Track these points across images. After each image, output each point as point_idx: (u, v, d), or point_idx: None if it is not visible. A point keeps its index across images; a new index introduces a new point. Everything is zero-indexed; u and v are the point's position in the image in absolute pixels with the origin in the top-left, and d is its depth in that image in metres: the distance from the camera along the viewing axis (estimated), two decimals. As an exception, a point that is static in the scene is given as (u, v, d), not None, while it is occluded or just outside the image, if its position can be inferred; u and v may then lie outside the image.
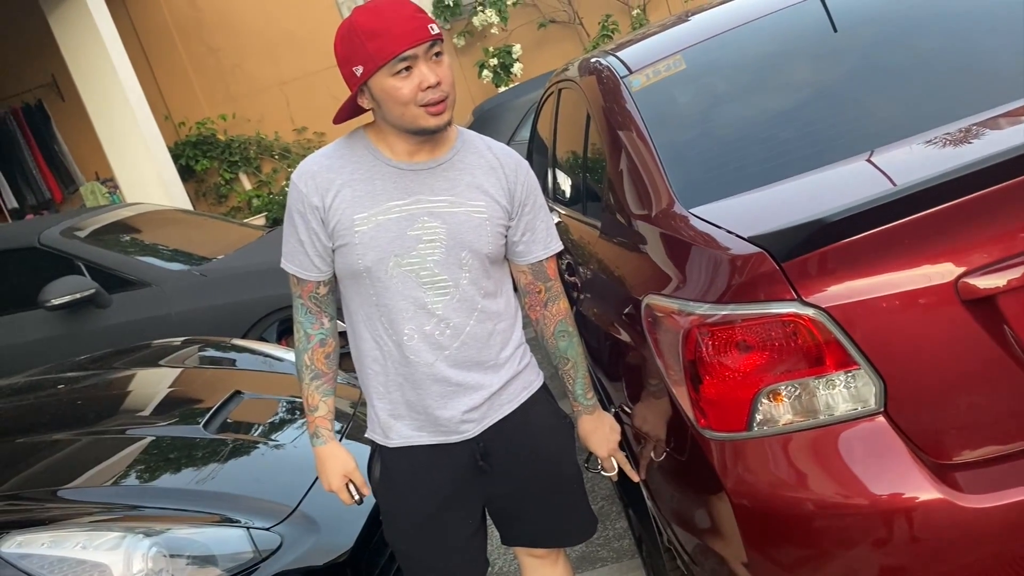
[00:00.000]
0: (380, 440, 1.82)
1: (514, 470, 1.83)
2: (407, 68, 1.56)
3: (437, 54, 1.59)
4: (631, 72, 2.37)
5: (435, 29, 1.59)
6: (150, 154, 7.65)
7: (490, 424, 1.79)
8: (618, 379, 2.11)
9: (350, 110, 1.71)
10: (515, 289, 1.87)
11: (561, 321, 1.87)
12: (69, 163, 9.66)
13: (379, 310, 1.71)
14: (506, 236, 1.76)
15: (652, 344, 1.77)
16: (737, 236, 1.59)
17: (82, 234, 5.02)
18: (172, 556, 2.07)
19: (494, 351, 1.77)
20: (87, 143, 8.92)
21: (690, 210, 1.82)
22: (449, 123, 1.65)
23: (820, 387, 1.51)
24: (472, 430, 1.78)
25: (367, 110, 1.69)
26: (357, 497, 1.85)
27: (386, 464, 1.83)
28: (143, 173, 7.69)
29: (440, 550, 1.85)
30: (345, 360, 1.90)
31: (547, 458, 1.86)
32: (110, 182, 8.95)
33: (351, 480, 1.85)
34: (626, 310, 1.98)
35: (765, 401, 1.53)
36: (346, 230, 1.66)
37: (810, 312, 1.48)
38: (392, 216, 1.66)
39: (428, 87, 1.58)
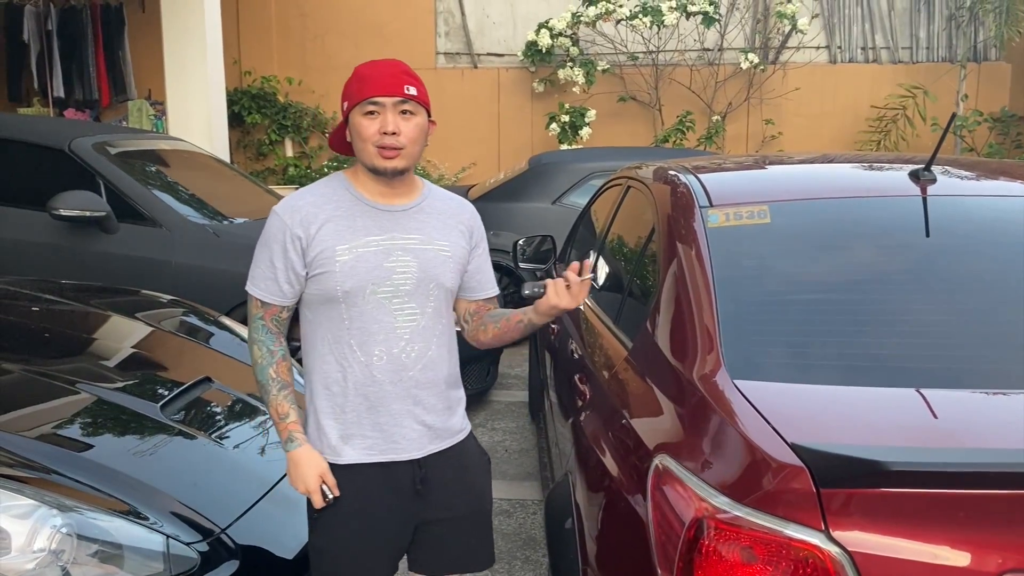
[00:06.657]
0: (331, 458, 1.95)
1: (446, 500, 2.01)
2: (373, 112, 1.84)
3: (404, 111, 1.85)
4: (711, 205, 2.25)
5: (411, 91, 1.85)
6: (207, 91, 7.57)
7: (434, 451, 1.99)
8: (597, 523, 1.95)
9: (338, 141, 1.99)
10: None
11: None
12: (128, 73, 9.59)
13: (351, 333, 1.90)
14: (464, 273, 2.03)
15: (651, 504, 1.62)
16: (780, 437, 1.45)
17: (112, 151, 4.90)
18: (80, 540, 1.91)
19: (446, 382, 2.01)
20: (150, 61, 8.84)
21: (735, 381, 1.68)
22: (403, 171, 1.89)
23: (815, 629, 1.36)
24: (418, 452, 1.96)
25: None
26: (331, 497, 1.93)
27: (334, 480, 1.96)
28: (194, 107, 7.61)
29: (363, 565, 1.98)
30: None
31: (476, 493, 2.08)
32: (159, 105, 8.86)
33: (324, 481, 1.93)
34: (630, 454, 1.84)
35: (753, 622, 1.38)
36: (327, 259, 1.86)
37: (833, 551, 1.33)
38: (371, 249, 1.88)
39: (385, 133, 1.83)
